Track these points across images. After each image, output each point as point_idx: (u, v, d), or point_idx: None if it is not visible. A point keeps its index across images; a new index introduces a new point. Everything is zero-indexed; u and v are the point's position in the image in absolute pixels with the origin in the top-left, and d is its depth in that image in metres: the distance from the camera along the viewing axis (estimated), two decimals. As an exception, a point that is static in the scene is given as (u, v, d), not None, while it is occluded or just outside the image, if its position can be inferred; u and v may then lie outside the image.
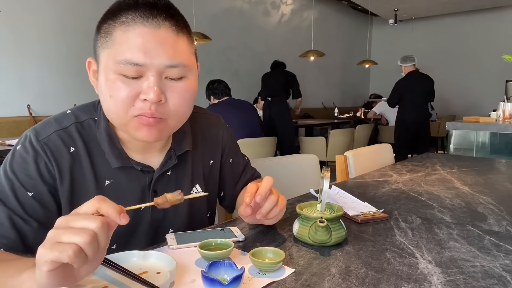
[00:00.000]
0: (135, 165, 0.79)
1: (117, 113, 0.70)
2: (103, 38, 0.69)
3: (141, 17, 0.67)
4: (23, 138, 0.76)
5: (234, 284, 0.55)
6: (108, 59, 0.68)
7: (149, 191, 0.82)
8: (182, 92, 0.72)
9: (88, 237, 0.49)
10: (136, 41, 0.66)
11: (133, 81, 0.68)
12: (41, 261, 0.48)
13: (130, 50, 0.66)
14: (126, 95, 0.68)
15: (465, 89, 8.21)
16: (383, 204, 1.06)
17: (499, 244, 0.78)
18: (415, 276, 0.63)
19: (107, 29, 0.69)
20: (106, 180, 0.78)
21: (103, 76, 0.70)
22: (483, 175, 1.50)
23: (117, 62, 0.67)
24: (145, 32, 0.67)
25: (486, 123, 3.18)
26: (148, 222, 0.83)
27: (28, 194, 0.72)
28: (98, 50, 0.71)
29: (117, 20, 0.68)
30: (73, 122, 0.79)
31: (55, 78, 4.09)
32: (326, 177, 0.77)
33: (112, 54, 0.67)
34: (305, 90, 7.61)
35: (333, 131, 4.98)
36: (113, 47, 0.67)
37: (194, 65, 0.75)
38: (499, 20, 7.81)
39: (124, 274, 0.58)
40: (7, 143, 2.59)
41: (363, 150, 1.88)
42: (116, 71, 0.67)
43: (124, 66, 0.66)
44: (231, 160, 1.00)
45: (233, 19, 6.11)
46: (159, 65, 0.68)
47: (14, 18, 3.75)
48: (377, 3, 7.38)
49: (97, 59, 0.72)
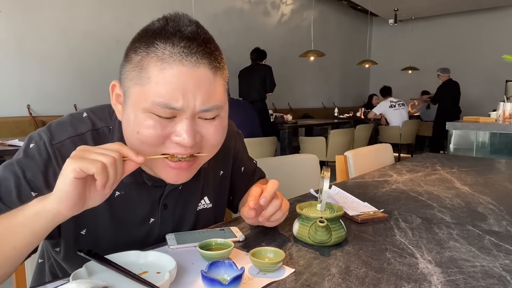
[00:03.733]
0: (146, 180, 0.77)
1: (143, 150, 0.65)
2: (135, 72, 0.64)
3: (179, 54, 0.62)
4: (37, 138, 0.73)
5: (234, 284, 0.56)
6: (140, 96, 0.63)
7: (159, 204, 0.81)
8: (217, 129, 0.69)
9: (112, 159, 0.57)
10: (174, 83, 0.62)
11: (166, 121, 0.64)
12: (69, 168, 0.55)
13: (167, 93, 0.62)
14: (157, 135, 0.64)
15: (465, 89, 8.21)
16: (383, 204, 1.06)
17: (499, 244, 0.78)
18: (415, 276, 0.63)
19: (141, 63, 0.64)
20: (116, 191, 0.76)
21: (132, 111, 0.65)
22: (483, 175, 1.50)
23: (152, 102, 0.62)
24: (183, 72, 0.62)
25: (486, 123, 3.18)
26: (155, 236, 0.82)
27: (32, 194, 0.70)
28: (127, 82, 0.66)
29: (152, 54, 0.63)
30: (90, 129, 0.76)
31: (55, 79, 4.09)
32: (326, 177, 0.77)
33: (146, 92, 0.63)
34: (305, 90, 7.63)
35: (333, 131, 4.98)
36: (147, 85, 0.63)
37: (226, 102, 0.72)
38: (499, 20, 7.81)
39: (124, 274, 0.58)
40: (7, 143, 2.59)
41: (363, 150, 1.88)
42: (148, 109, 0.63)
43: (159, 109, 0.62)
44: (242, 169, 1.00)
45: (233, 19, 6.11)
46: (194, 109, 0.64)
47: (14, 18, 3.75)
48: (377, 3, 7.39)
49: (125, 89, 0.67)
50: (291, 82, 7.15)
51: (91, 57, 4.30)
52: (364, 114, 6.98)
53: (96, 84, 4.25)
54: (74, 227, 0.75)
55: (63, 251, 0.78)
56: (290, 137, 4.83)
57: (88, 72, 4.26)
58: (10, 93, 3.78)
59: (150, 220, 0.80)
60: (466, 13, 8.12)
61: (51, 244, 0.80)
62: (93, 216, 0.74)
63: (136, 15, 4.66)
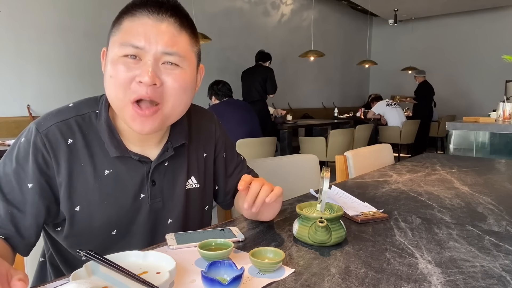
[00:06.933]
0: (132, 155, 0.82)
1: (116, 94, 0.75)
2: (114, 28, 0.77)
3: (147, 11, 0.75)
4: (27, 131, 0.79)
5: (234, 284, 0.56)
6: (114, 44, 0.76)
7: (147, 180, 0.85)
8: (177, 78, 0.76)
9: None
10: (139, 29, 0.74)
11: (133, 66, 0.74)
12: None
13: (133, 35, 0.74)
14: (124, 76, 0.73)
15: (465, 89, 8.21)
16: (383, 204, 1.06)
17: (499, 244, 0.78)
18: (415, 276, 0.63)
19: (118, 21, 0.77)
20: (105, 170, 0.81)
21: (109, 63, 0.76)
22: (483, 175, 1.50)
23: (120, 44, 0.74)
24: (148, 23, 0.74)
25: (486, 123, 3.18)
26: (147, 211, 0.86)
27: (29, 185, 0.76)
28: (109, 39, 0.78)
29: (128, 13, 0.76)
30: (74, 115, 0.82)
31: (55, 78, 4.09)
32: (326, 177, 0.77)
33: (118, 39, 0.75)
34: (305, 90, 7.63)
35: (333, 131, 4.98)
36: (119, 34, 0.75)
37: (192, 60, 0.80)
38: (499, 20, 7.81)
39: (124, 274, 0.58)
40: (7, 143, 2.59)
41: (363, 150, 1.88)
42: (119, 53, 0.74)
43: (125, 48, 0.73)
44: (224, 154, 1.03)
45: (233, 19, 6.11)
46: (156, 51, 0.74)
47: (14, 18, 3.75)
48: (377, 3, 7.38)
49: (108, 48, 0.78)
50: (291, 82, 7.15)
51: (91, 57, 4.29)
52: (364, 114, 6.99)
53: (96, 84, 4.25)
54: (70, 205, 0.79)
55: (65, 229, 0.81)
56: (290, 137, 4.83)
57: (88, 72, 4.26)
58: (10, 93, 3.78)
59: (140, 196, 0.85)
60: (466, 13, 8.12)
61: (53, 226, 0.84)
62: (85, 193, 0.79)
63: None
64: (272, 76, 4.88)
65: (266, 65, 5.01)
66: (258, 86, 4.84)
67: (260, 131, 3.65)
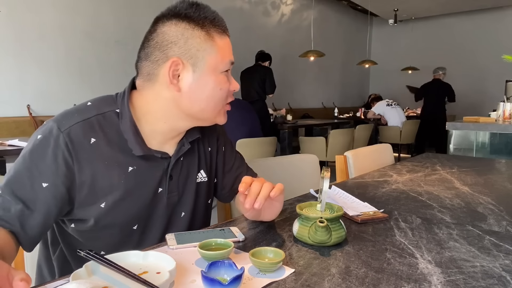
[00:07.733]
0: (155, 153, 0.86)
1: (221, 101, 0.87)
2: (202, 42, 0.82)
3: (224, 27, 0.87)
4: (45, 128, 0.78)
5: (234, 284, 0.56)
6: (211, 58, 0.83)
7: (166, 175, 0.89)
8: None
9: None
10: (229, 46, 0.87)
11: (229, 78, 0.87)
12: None
13: (229, 52, 0.86)
14: (228, 87, 0.86)
15: (465, 89, 8.21)
16: (383, 204, 1.06)
17: (499, 244, 0.78)
18: (415, 276, 0.63)
19: (208, 33, 0.83)
20: (129, 166, 0.83)
21: (210, 75, 0.83)
22: (483, 175, 1.50)
23: (222, 60, 0.84)
24: (228, 40, 0.88)
25: (486, 123, 3.18)
26: (164, 205, 0.89)
27: (43, 185, 0.75)
28: (194, 51, 0.81)
29: (211, 27, 0.84)
30: (95, 114, 0.82)
31: (55, 78, 4.09)
32: (326, 177, 0.77)
33: (218, 56, 0.84)
34: (305, 90, 7.63)
35: (333, 131, 4.98)
36: (218, 50, 0.83)
37: None
38: (499, 20, 7.81)
39: (124, 274, 0.58)
40: (7, 143, 2.59)
41: (363, 150, 1.88)
42: (222, 68, 0.84)
43: (226, 64, 0.85)
44: (223, 148, 1.05)
45: (233, 19, 6.10)
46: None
47: (14, 18, 3.75)
48: (377, 3, 7.38)
49: (195, 61, 0.82)
50: (291, 82, 7.15)
51: (91, 57, 4.29)
52: (364, 114, 6.98)
53: (95, 84, 4.25)
54: (94, 202, 0.81)
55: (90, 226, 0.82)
56: (290, 137, 4.83)
57: (88, 72, 4.26)
58: (10, 93, 3.78)
59: (158, 189, 0.88)
60: (466, 13, 8.11)
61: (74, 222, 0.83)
62: (110, 190, 0.81)
63: (135, 15, 4.65)
64: (271, 76, 4.88)
65: (265, 65, 5.02)
66: (257, 86, 4.85)
67: (261, 131, 3.65)
